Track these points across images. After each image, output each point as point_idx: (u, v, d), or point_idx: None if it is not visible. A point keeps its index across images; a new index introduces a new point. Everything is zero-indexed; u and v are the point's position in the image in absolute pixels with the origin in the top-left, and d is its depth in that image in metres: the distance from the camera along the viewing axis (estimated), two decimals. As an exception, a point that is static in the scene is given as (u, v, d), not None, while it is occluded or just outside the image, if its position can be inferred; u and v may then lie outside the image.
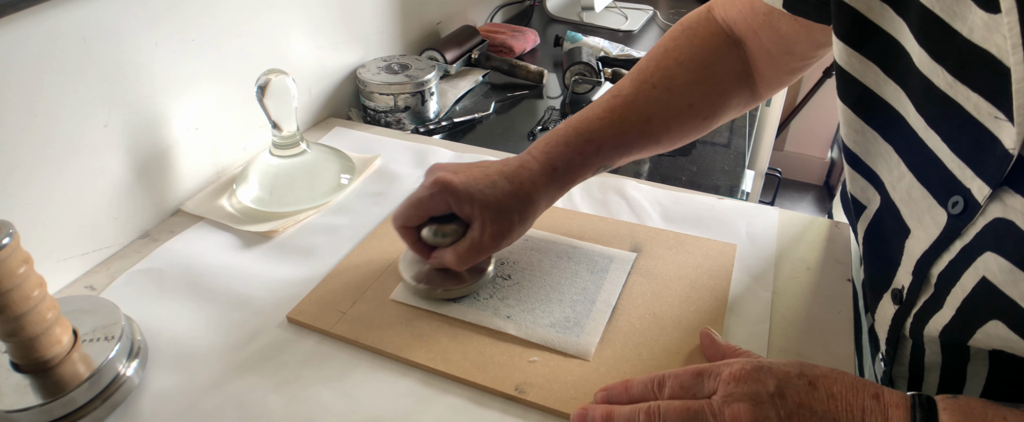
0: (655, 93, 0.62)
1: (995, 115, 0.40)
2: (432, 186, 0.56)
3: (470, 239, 0.57)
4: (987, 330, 0.44)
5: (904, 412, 0.41)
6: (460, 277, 0.60)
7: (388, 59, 1.02)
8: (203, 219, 0.72)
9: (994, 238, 0.42)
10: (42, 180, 0.59)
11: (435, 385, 0.52)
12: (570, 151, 0.60)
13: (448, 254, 0.57)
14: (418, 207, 0.57)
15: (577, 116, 0.63)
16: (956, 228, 0.45)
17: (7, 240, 0.43)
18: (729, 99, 0.65)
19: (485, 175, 0.58)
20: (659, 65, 0.64)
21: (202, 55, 0.73)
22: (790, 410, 0.42)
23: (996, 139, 0.41)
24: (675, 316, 0.58)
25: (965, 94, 0.42)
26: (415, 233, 0.59)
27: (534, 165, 0.59)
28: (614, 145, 0.61)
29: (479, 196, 0.56)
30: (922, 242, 0.49)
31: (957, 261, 0.46)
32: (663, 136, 0.63)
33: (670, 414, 0.45)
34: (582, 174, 0.61)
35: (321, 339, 0.57)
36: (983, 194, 0.42)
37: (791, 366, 0.45)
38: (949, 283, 0.46)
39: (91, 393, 0.49)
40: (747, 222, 0.72)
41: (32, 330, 0.47)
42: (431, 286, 0.59)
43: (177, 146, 0.72)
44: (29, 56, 0.55)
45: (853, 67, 0.52)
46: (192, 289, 0.62)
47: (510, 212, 0.57)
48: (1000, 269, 0.42)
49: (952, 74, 0.43)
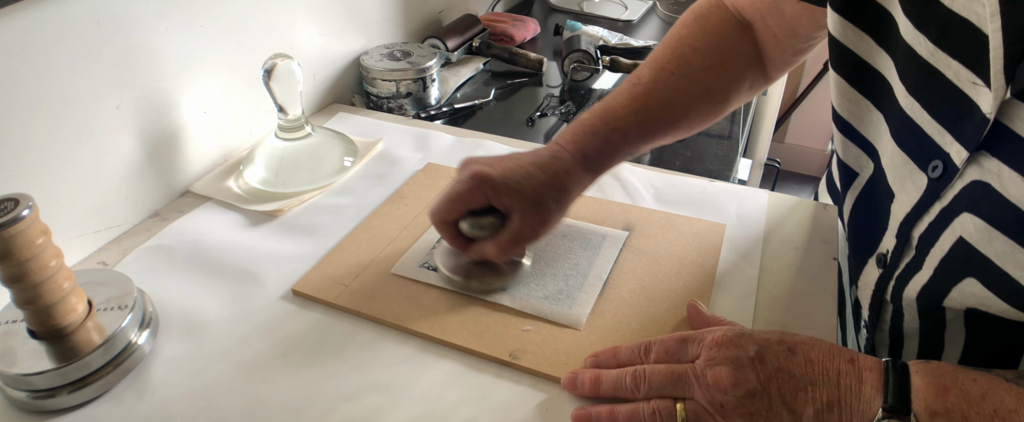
0: (673, 80, 0.64)
1: (973, 81, 0.43)
2: (470, 179, 0.57)
3: (511, 230, 0.57)
4: (962, 288, 0.47)
5: (877, 374, 0.43)
6: (498, 269, 0.61)
7: (391, 46, 1.04)
8: (211, 199, 0.75)
9: (971, 199, 0.45)
10: (57, 160, 0.62)
11: (433, 352, 0.55)
12: (599, 140, 0.61)
13: (489, 246, 0.58)
14: (457, 201, 0.57)
15: (600, 106, 0.64)
16: (935, 191, 0.48)
17: (27, 212, 0.46)
18: (742, 82, 0.67)
19: (520, 166, 0.58)
20: (675, 52, 0.65)
21: (211, 41, 0.75)
22: (769, 373, 0.44)
23: (974, 104, 0.43)
24: (664, 290, 0.61)
25: (945, 61, 0.45)
26: (454, 227, 0.59)
27: (566, 155, 0.61)
28: (639, 132, 0.63)
29: (517, 187, 0.57)
30: (904, 205, 0.51)
31: (936, 223, 0.48)
32: (683, 121, 0.65)
33: (655, 377, 0.48)
34: (611, 162, 0.63)
35: (325, 310, 0.59)
36: (961, 158, 0.45)
37: (771, 334, 0.47)
38: (928, 244, 0.49)
39: (104, 359, 0.51)
40: (737, 203, 0.74)
41: (49, 298, 0.49)
42: (471, 279, 0.60)
43: (186, 129, 0.75)
44: (44, 39, 0.58)
45: (847, 38, 0.54)
46: (201, 264, 0.64)
47: (547, 201, 0.58)
48: (976, 228, 0.44)
49: (934, 42, 0.45)
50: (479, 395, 0.51)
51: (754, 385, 0.44)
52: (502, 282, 0.61)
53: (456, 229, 0.59)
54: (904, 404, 0.41)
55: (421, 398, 0.51)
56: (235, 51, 0.79)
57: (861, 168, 0.59)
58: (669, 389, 0.47)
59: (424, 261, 0.64)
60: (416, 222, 0.70)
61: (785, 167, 2.79)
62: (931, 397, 0.41)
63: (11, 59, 0.55)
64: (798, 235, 0.70)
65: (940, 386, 0.42)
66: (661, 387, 0.47)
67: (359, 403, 0.50)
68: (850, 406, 0.43)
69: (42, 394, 0.49)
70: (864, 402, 0.42)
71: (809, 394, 0.43)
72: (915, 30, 0.47)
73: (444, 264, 0.62)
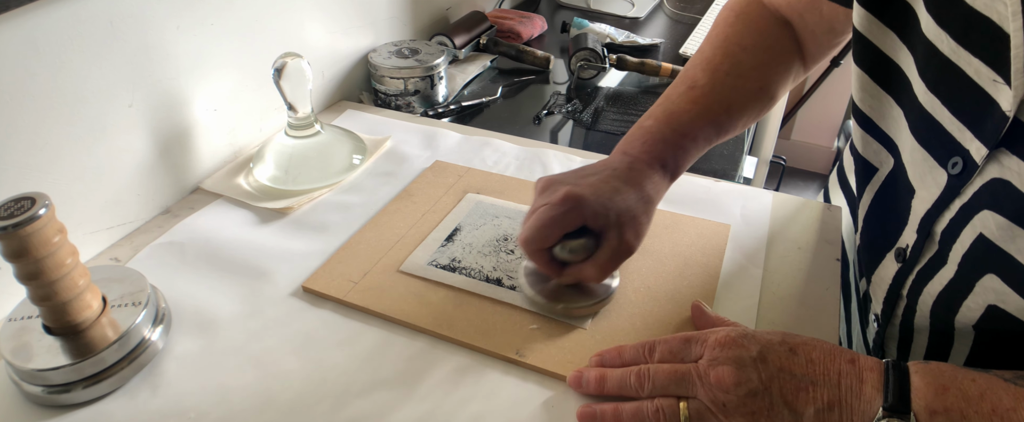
0: (729, 80, 0.64)
1: (994, 79, 0.43)
2: (563, 202, 0.54)
3: (610, 249, 0.55)
4: (984, 283, 0.47)
5: (878, 374, 0.44)
6: (590, 291, 0.59)
7: (399, 44, 1.04)
8: (221, 197, 0.75)
9: (991, 197, 0.45)
10: (70, 157, 0.62)
11: (441, 349, 0.56)
12: (670, 147, 0.61)
13: (588, 269, 0.55)
14: (554, 226, 0.54)
15: (660, 112, 0.64)
16: (956, 187, 0.48)
17: (43, 211, 0.46)
18: (788, 77, 0.68)
19: (605, 182, 0.57)
20: (726, 53, 0.66)
21: (222, 40, 0.76)
22: (771, 373, 0.45)
23: (994, 102, 0.44)
24: (668, 290, 0.61)
25: (966, 59, 0.45)
26: (548, 253, 0.56)
27: (642, 165, 0.60)
28: (706, 135, 0.63)
29: (611, 206, 0.55)
30: (925, 201, 0.52)
31: (957, 219, 0.48)
32: (740, 120, 0.66)
33: (659, 376, 0.48)
34: (685, 166, 0.63)
35: (334, 307, 0.60)
36: (981, 155, 0.45)
37: (774, 335, 0.48)
38: (950, 240, 0.49)
39: (119, 354, 0.52)
40: (742, 203, 0.75)
41: (64, 295, 0.50)
42: (563, 302, 0.58)
43: (197, 127, 0.76)
44: (58, 38, 0.58)
45: (871, 32, 0.55)
46: (212, 261, 0.65)
47: (639, 215, 0.57)
48: (997, 226, 0.45)
49: (955, 40, 0.46)
50: (486, 392, 0.52)
51: (756, 385, 0.45)
52: (599, 305, 0.59)
53: (550, 255, 0.56)
54: (904, 403, 0.42)
55: (428, 394, 0.52)
56: (245, 49, 0.80)
57: (880, 163, 0.59)
58: (673, 388, 0.48)
59: (432, 259, 0.65)
60: (424, 220, 0.70)
61: (791, 164, 2.78)
62: (930, 396, 0.42)
63: (26, 58, 0.56)
64: (802, 236, 0.70)
65: (939, 386, 0.42)
66: (665, 386, 0.48)
67: (368, 399, 0.51)
68: (850, 406, 0.43)
69: (57, 389, 0.50)
70: (865, 401, 0.43)
71: (810, 394, 0.44)
72: (937, 27, 0.47)
73: (533, 288, 0.59)
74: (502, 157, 0.83)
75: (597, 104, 1.07)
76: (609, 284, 0.60)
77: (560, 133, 0.99)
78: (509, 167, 0.81)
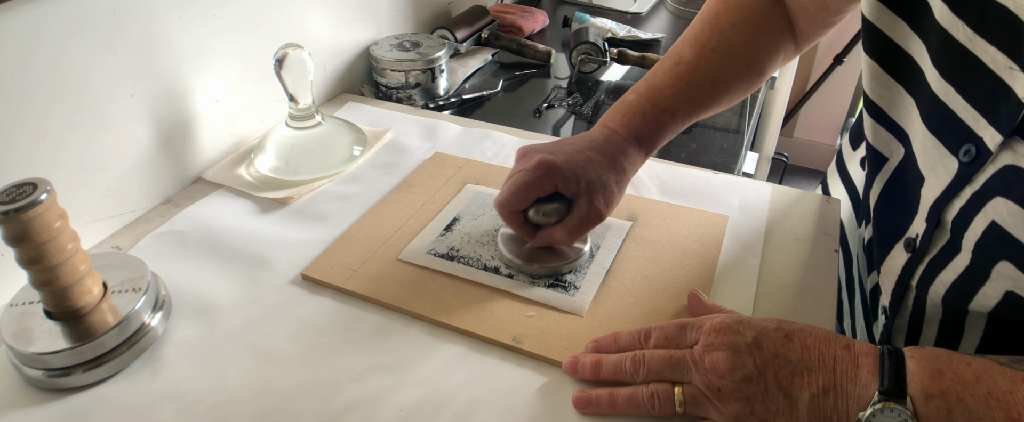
0: (715, 57, 0.65)
1: (1010, 66, 0.44)
2: (536, 169, 0.58)
3: (578, 215, 0.59)
4: (999, 271, 0.47)
5: (873, 359, 0.44)
6: (562, 254, 0.63)
7: (400, 37, 1.05)
8: (223, 187, 0.76)
9: (1003, 184, 0.45)
10: (74, 146, 0.63)
11: (438, 336, 0.56)
12: (649, 122, 0.63)
13: (558, 231, 0.59)
14: (526, 190, 0.58)
15: (644, 86, 0.66)
16: (967, 175, 0.48)
17: (45, 196, 0.47)
18: (778, 54, 0.69)
19: (579, 152, 0.60)
20: (714, 30, 0.67)
21: (224, 31, 0.76)
22: (766, 359, 0.45)
23: (1010, 89, 0.44)
24: (666, 279, 0.62)
25: (983, 47, 0.45)
26: (521, 216, 0.60)
27: (619, 138, 0.63)
28: (686, 110, 0.65)
29: (582, 173, 0.58)
30: (934, 189, 0.52)
31: (967, 207, 0.49)
32: (725, 96, 0.67)
33: (654, 362, 0.49)
34: (662, 140, 0.65)
35: (333, 295, 0.60)
36: (995, 142, 0.45)
37: (769, 321, 0.48)
38: (961, 228, 0.49)
39: (118, 339, 0.53)
40: (740, 195, 0.75)
41: (65, 280, 0.50)
42: (536, 263, 0.61)
43: (199, 117, 0.76)
44: (61, 28, 0.59)
45: (882, 21, 0.55)
46: (212, 250, 0.66)
47: (610, 184, 0.60)
48: (1009, 213, 0.45)
49: (972, 28, 0.46)
50: (482, 377, 0.52)
51: (751, 370, 0.45)
52: (569, 265, 0.62)
53: (524, 218, 0.60)
54: (900, 387, 0.42)
55: (425, 380, 0.52)
56: (247, 41, 0.80)
57: (891, 153, 0.59)
58: (668, 373, 0.48)
59: (431, 248, 0.65)
60: (423, 210, 0.71)
61: (793, 161, 2.78)
62: (926, 380, 0.42)
63: (30, 48, 0.57)
64: (800, 227, 0.70)
65: (935, 370, 0.42)
66: (660, 371, 0.48)
67: (365, 384, 0.52)
68: (846, 390, 0.44)
69: (58, 372, 0.51)
70: (860, 386, 0.43)
71: (805, 379, 0.44)
72: (952, 15, 0.47)
73: (508, 251, 0.63)
74: (502, 149, 0.84)
75: (598, 97, 1.07)
76: (581, 248, 0.64)
77: (561, 127, 1.00)
78: (508, 159, 0.82)
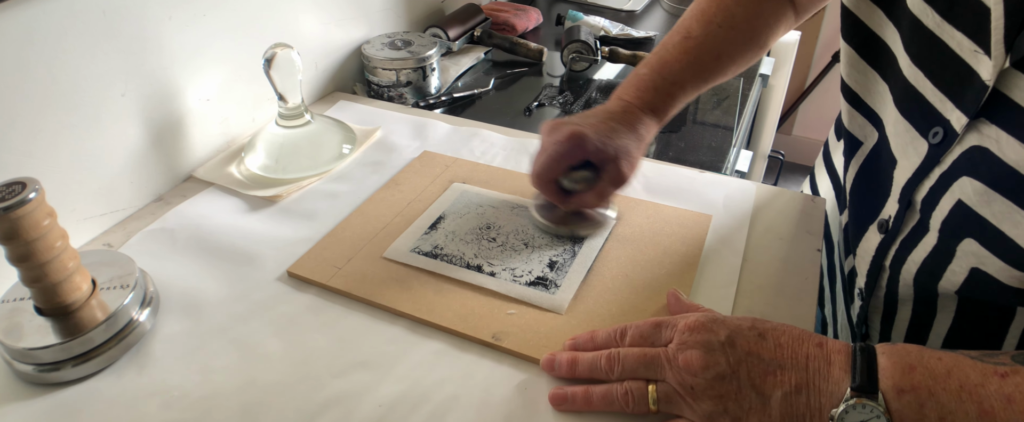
0: (721, 32, 0.69)
1: (974, 49, 0.46)
2: (569, 140, 0.62)
3: (608, 178, 0.64)
4: (964, 248, 0.49)
5: (845, 357, 0.45)
6: (592, 218, 0.69)
7: (392, 35, 1.06)
8: (213, 185, 0.77)
9: (969, 163, 0.47)
10: (65, 145, 0.64)
11: (420, 332, 0.57)
12: (661, 94, 0.69)
13: (590, 196, 0.64)
14: (560, 159, 0.63)
15: (654, 61, 0.71)
16: (936, 156, 0.50)
17: (33, 194, 0.48)
18: (779, 27, 0.72)
19: (603, 123, 0.65)
20: (720, 5, 0.70)
21: (215, 30, 0.77)
22: (739, 357, 0.46)
23: (974, 72, 0.46)
24: (646, 278, 0.62)
25: (949, 32, 0.48)
26: (555, 184, 0.65)
27: (635, 109, 0.68)
28: (694, 82, 0.69)
29: (610, 142, 0.63)
30: (906, 171, 0.54)
31: (936, 187, 0.51)
32: (729, 68, 0.71)
33: (629, 360, 0.50)
34: (673, 111, 0.70)
35: (318, 292, 0.61)
36: (961, 124, 0.48)
37: (743, 320, 0.49)
38: (930, 207, 0.52)
39: (107, 334, 0.54)
40: (725, 194, 0.76)
41: (54, 277, 0.51)
42: (572, 227, 0.68)
43: (190, 116, 0.77)
44: (53, 27, 0.60)
45: (859, 9, 0.59)
46: (201, 247, 0.67)
47: (632, 150, 0.65)
48: (974, 191, 0.47)
49: (940, 14, 0.48)
50: (462, 374, 0.53)
51: (724, 368, 0.46)
52: (600, 228, 0.69)
53: (557, 186, 0.65)
54: (872, 383, 0.43)
55: (406, 376, 0.53)
56: (238, 40, 0.81)
57: (865, 137, 0.62)
58: (642, 371, 0.49)
59: (415, 246, 0.66)
60: (409, 208, 0.72)
61: (791, 159, 2.79)
62: (898, 376, 0.43)
63: (22, 47, 0.58)
64: (783, 226, 0.71)
65: (906, 365, 0.43)
66: (634, 369, 0.49)
67: (347, 380, 0.53)
68: (818, 388, 0.44)
69: (47, 367, 0.52)
70: (833, 383, 0.44)
71: (778, 377, 0.45)
72: (922, 2, 0.50)
73: (544, 218, 0.69)
74: (490, 148, 0.84)
75: (589, 96, 1.08)
76: (607, 214, 0.70)
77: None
78: (496, 158, 0.82)
